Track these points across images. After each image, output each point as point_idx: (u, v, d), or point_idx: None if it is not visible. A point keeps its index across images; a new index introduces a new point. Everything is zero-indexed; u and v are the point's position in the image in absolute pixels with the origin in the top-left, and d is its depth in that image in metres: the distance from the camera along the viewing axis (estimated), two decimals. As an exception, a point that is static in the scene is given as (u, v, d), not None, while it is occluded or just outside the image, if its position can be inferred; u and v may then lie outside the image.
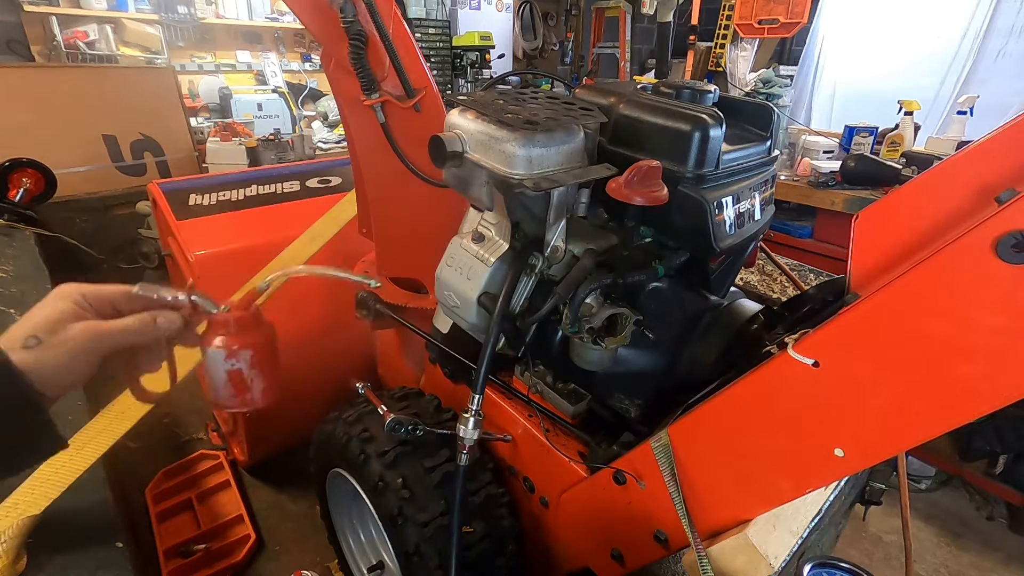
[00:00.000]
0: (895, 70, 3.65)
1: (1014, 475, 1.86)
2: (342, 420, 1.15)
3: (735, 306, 0.89)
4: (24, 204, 2.18)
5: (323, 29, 1.07)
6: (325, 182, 2.02)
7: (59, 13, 3.56)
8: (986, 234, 0.47)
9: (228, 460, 1.84)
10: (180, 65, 4.16)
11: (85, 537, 0.94)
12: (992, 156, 0.64)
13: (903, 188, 0.72)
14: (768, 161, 0.93)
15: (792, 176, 2.65)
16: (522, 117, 0.76)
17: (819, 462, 0.63)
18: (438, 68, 4.72)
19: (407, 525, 0.97)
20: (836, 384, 0.59)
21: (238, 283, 1.35)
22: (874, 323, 0.55)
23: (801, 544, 0.75)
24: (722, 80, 3.82)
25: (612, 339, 0.78)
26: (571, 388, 0.99)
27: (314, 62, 4.85)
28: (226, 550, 1.54)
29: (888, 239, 0.70)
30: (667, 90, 0.87)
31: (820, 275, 1.66)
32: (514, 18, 5.58)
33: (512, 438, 1.04)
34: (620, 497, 0.84)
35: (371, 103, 1.08)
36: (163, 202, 1.73)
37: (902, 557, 1.14)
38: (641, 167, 0.70)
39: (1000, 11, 3.20)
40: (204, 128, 3.62)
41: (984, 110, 2.55)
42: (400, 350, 1.51)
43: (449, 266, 0.93)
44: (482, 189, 0.83)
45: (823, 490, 0.86)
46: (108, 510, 1.01)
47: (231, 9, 4.38)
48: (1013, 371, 0.49)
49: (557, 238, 0.83)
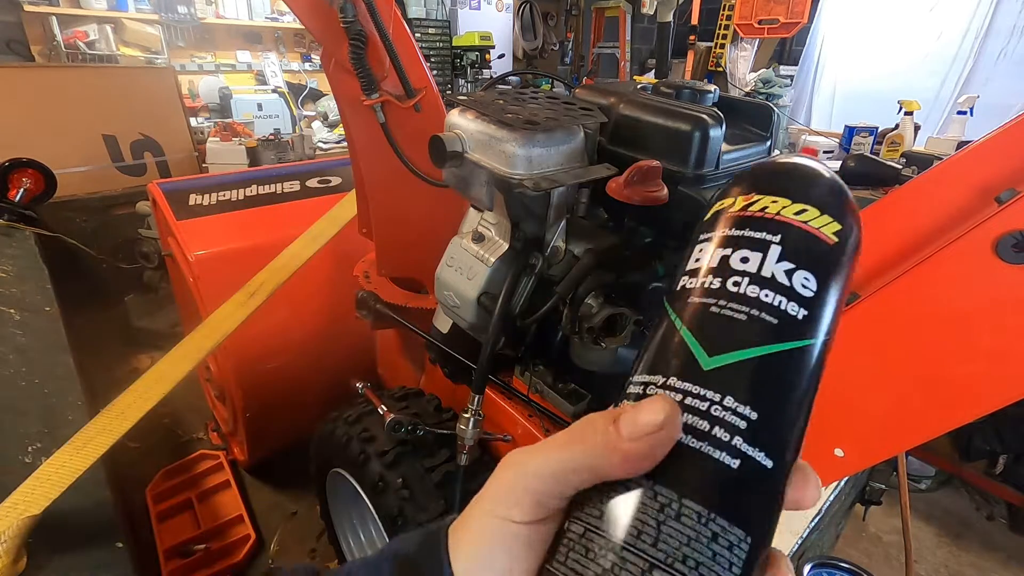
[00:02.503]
0: (895, 70, 3.65)
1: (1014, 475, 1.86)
2: (342, 420, 1.15)
3: (735, 306, 0.89)
4: (24, 204, 2.18)
5: (323, 29, 1.07)
6: (325, 182, 2.02)
7: (59, 13, 3.56)
8: (986, 234, 0.47)
9: (228, 460, 1.84)
10: (180, 65, 4.16)
11: (85, 537, 0.94)
12: (992, 156, 0.64)
13: (903, 188, 0.72)
14: (768, 161, 0.93)
15: (792, 176, 2.64)
16: (522, 117, 0.76)
17: (819, 462, 0.63)
18: (438, 68, 4.72)
19: (407, 525, 0.97)
20: (836, 384, 0.59)
21: (238, 283, 1.35)
22: (874, 322, 0.55)
23: (801, 544, 0.75)
24: (722, 80, 3.82)
25: (612, 339, 0.78)
26: (571, 388, 0.99)
27: (314, 62, 4.85)
28: (226, 550, 1.54)
29: (888, 239, 0.70)
30: (667, 90, 0.87)
31: (820, 275, 1.65)
32: (514, 18, 5.57)
33: (512, 438, 1.04)
34: (620, 497, 0.84)
35: (371, 103, 1.08)
36: (163, 202, 1.73)
37: (902, 557, 1.14)
38: (641, 167, 0.70)
39: (1000, 11, 3.19)
40: (204, 128, 3.62)
41: (984, 110, 2.55)
42: (400, 350, 1.51)
43: (449, 266, 0.93)
44: (482, 189, 0.83)
45: (823, 490, 0.86)
46: (108, 510, 1.01)
47: (231, 9, 4.38)
48: (1013, 371, 0.49)
49: (557, 238, 0.83)
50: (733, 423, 0.25)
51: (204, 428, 2.08)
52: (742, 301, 0.27)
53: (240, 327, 1.27)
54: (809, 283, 0.28)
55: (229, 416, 1.82)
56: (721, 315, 0.27)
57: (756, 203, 0.29)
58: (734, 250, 0.28)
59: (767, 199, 0.29)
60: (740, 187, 0.30)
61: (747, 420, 0.25)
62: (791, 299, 0.27)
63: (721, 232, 0.29)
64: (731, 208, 0.30)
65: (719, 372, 0.26)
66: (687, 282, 0.29)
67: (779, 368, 0.27)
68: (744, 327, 0.27)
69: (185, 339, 1.26)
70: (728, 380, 0.26)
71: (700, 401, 0.26)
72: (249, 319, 1.28)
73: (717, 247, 0.29)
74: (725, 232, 0.29)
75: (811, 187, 0.30)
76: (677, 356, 0.27)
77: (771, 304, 0.27)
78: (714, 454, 0.25)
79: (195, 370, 1.24)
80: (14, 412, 1.16)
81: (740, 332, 0.27)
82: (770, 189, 0.29)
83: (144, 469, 1.78)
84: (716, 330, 0.27)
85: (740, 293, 0.27)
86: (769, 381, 0.27)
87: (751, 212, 0.29)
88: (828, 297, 0.28)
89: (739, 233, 0.28)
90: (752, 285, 0.27)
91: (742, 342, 0.26)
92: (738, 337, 0.27)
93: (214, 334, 1.25)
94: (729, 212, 0.29)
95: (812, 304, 0.28)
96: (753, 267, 0.27)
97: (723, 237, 0.29)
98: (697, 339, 0.27)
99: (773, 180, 0.30)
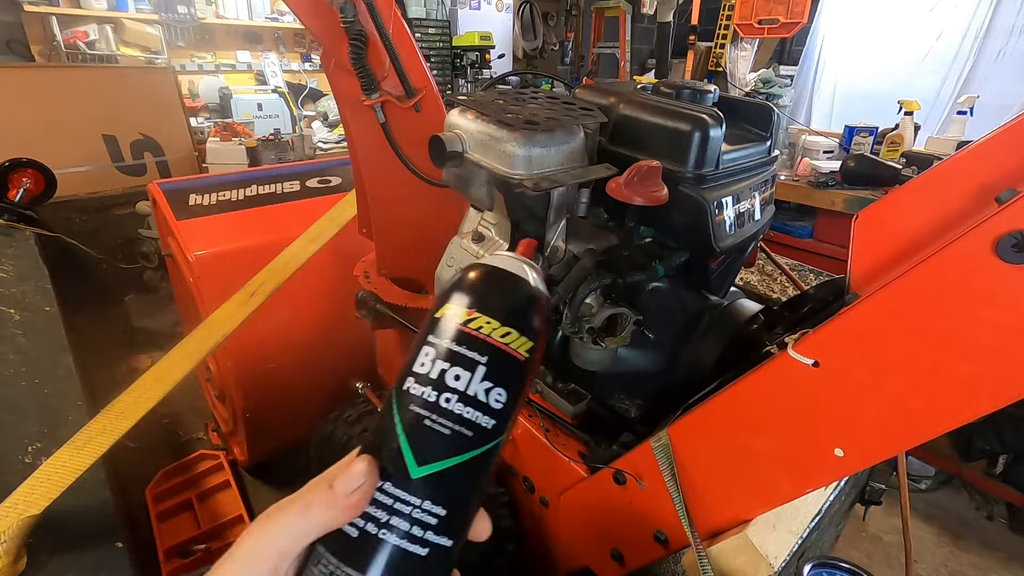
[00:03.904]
0: (895, 70, 3.65)
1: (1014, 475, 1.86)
2: (342, 420, 1.15)
3: (735, 306, 0.89)
4: (24, 204, 2.18)
5: (323, 29, 1.07)
6: (325, 182, 2.02)
7: (59, 13, 3.56)
8: (986, 234, 0.47)
9: (228, 460, 1.84)
10: (180, 65, 4.16)
11: (85, 537, 0.94)
12: (992, 156, 0.64)
13: (903, 188, 0.72)
14: (768, 161, 0.93)
15: (792, 176, 2.65)
16: (522, 117, 0.76)
17: (819, 462, 0.63)
18: (438, 68, 4.72)
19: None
20: (836, 384, 0.59)
21: (238, 283, 1.35)
22: (874, 323, 0.55)
23: (801, 544, 0.75)
24: (722, 80, 3.81)
25: (612, 339, 0.78)
26: (571, 388, 0.99)
27: (314, 62, 4.85)
28: (226, 550, 1.54)
29: (888, 239, 0.70)
30: (667, 90, 0.87)
31: (820, 275, 1.66)
32: (514, 18, 5.57)
33: (512, 438, 1.04)
34: (620, 497, 0.84)
35: (371, 103, 1.08)
36: (163, 202, 1.73)
37: (902, 557, 1.14)
38: (641, 167, 0.70)
39: (1000, 11, 3.19)
40: (204, 128, 3.62)
41: (984, 110, 2.55)
42: (400, 350, 1.51)
43: (449, 266, 0.93)
44: (482, 189, 0.83)
45: (823, 490, 0.86)
46: (108, 510, 1.01)
47: (231, 9, 4.38)
48: (1013, 371, 0.49)
49: (557, 238, 0.83)
50: (426, 521, 0.32)
51: (204, 428, 2.08)
52: (450, 417, 0.33)
53: (240, 327, 1.27)
54: (501, 397, 0.34)
55: (229, 416, 1.82)
56: (432, 428, 0.33)
57: (475, 320, 0.34)
58: (452, 365, 0.33)
59: (483, 319, 0.34)
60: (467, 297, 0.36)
61: (438, 517, 0.32)
62: (485, 413, 0.34)
63: (446, 344, 0.34)
64: (457, 320, 0.35)
65: (423, 480, 0.32)
66: (412, 387, 0.34)
67: (468, 471, 0.33)
68: (448, 440, 0.33)
69: (185, 339, 1.26)
70: (428, 486, 0.32)
71: (404, 505, 0.32)
72: (249, 319, 1.28)
73: (440, 359, 0.34)
74: (449, 345, 0.34)
75: (517, 308, 0.36)
76: (392, 461, 0.33)
77: (471, 420, 0.33)
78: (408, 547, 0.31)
79: (195, 370, 1.24)
80: (14, 412, 1.16)
81: (444, 445, 0.33)
82: (488, 306, 0.35)
83: (144, 469, 1.78)
84: (425, 442, 0.33)
85: (449, 410, 0.33)
86: (459, 483, 0.33)
87: (470, 330, 0.34)
88: (513, 405, 0.35)
89: (458, 350, 0.34)
90: (459, 403, 0.33)
91: (443, 454, 0.33)
92: (442, 449, 0.33)
93: (214, 334, 1.25)
94: (455, 325, 0.35)
95: (500, 414, 0.34)
96: (463, 385, 0.33)
97: (447, 351, 0.34)
98: (411, 448, 0.33)
99: (491, 297, 0.36)
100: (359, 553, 0.31)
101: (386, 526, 0.31)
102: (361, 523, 0.32)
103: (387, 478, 0.32)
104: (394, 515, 0.32)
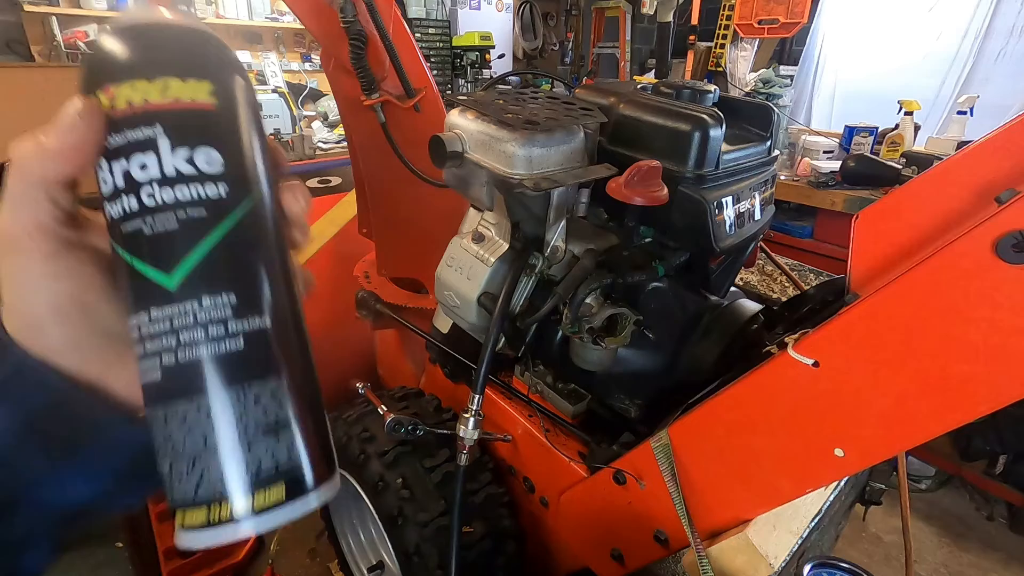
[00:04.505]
0: (895, 70, 3.64)
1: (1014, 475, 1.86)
2: (342, 420, 1.15)
3: (735, 306, 0.89)
4: (24, 204, 2.18)
5: (323, 29, 1.07)
6: (325, 182, 2.02)
7: (59, 13, 3.56)
8: (986, 234, 0.47)
9: (228, 460, 1.84)
10: (180, 65, 4.15)
11: (85, 537, 0.94)
12: (992, 156, 0.64)
13: (903, 188, 0.72)
14: (768, 161, 0.93)
15: (792, 176, 2.64)
16: (522, 117, 0.76)
17: (819, 462, 0.63)
18: (438, 68, 4.71)
19: (407, 525, 0.97)
20: (836, 384, 0.59)
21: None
22: (874, 323, 0.55)
23: (801, 544, 0.75)
24: (722, 80, 3.81)
25: (612, 339, 0.78)
26: (571, 388, 0.99)
27: (314, 62, 4.85)
28: (226, 550, 1.54)
29: (888, 239, 0.70)
30: (667, 90, 0.87)
31: (820, 275, 1.66)
32: (514, 18, 5.57)
33: (512, 438, 1.04)
34: (620, 497, 0.85)
35: (371, 103, 1.08)
36: (163, 202, 1.73)
37: (902, 557, 1.14)
38: (641, 167, 0.70)
39: (1000, 12, 3.19)
40: (204, 128, 3.62)
41: (984, 110, 2.55)
42: (400, 350, 1.51)
43: (449, 266, 0.93)
44: (482, 189, 0.83)
45: (823, 490, 0.86)
46: (108, 510, 1.01)
47: (231, 9, 4.38)
48: (1013, 371, 0.49)
49: (557, 238, 0.83)
50: (220, 315, 0.27)
51: (204, 428, 2.08)
52: (164, 209, 0.27)
53: (240, 327, 1.26)
54: (212, 157, 0.28)
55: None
56: (156, 233, 0.27)
57: (118, 98, 0.27)
58: (128, 159, 0.27)
59: (125, 87, 0.27)
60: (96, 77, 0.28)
61: (231, 304, 0.27)
62: (204, 182, 0.27)
63: (107, 142, 0.27)
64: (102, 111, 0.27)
65: (186, 282, 0.27)
66: (111, 210, 0.28)
67: (233, 245, 0.28)
68: (182, 232, 0.27)
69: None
70: (195, 284, 0.27)
71: (185, 317, 0.27)
72: (249, 319, 1.28)
73: (112, 160, 0.27)
74: (110, 142, 0.27)
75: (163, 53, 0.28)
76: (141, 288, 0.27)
77: (191, 198, 0.27)
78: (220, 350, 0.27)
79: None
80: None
81: (181, 238, 0.27)
82: (123, 72, 0.27)
83: (144, 469, 1.78)
84: (159, 250, 0.27)
85: (158, 203, 0.27)
86: (232, 261, 0.28)
87: (119, 111, 0.27)
88: (241, 156, 0.29)
89: (122, 140, 0.27)
90: (164, 189, 0.27)
91: (188, 247, 0.27)
92: (182, 244, 0.27)
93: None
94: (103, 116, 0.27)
95: (227, 176, 0.28)
96: (155, 171, 0.27)
97: (113, 149, 0.27)
98: (151, 263, 0.27)
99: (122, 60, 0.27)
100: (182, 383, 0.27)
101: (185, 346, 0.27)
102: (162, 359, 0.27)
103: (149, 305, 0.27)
104: (183, 331, 0.27)
